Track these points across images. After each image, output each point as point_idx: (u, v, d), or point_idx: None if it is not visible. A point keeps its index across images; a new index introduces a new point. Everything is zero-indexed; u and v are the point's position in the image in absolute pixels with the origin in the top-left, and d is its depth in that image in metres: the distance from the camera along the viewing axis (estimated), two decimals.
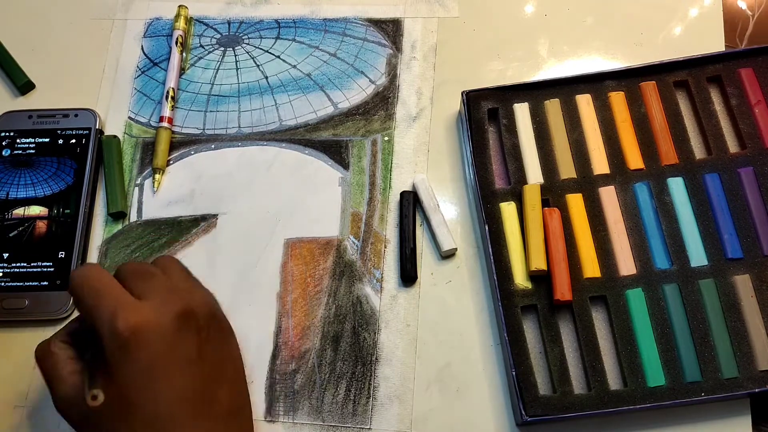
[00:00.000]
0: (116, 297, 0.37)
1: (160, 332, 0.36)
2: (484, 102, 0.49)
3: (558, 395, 0.41)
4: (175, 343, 0.37)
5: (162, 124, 0.52)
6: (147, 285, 0.38)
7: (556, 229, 0.45)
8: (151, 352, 0.36)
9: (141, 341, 0.36)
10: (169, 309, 0.37)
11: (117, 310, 0.36)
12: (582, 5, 0.54)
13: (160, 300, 0.37)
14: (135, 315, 0.36)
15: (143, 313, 0.36)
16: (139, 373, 0.36)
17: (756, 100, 0.48)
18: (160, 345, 0.36)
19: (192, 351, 0.37)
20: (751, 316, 0.43)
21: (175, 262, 0.42)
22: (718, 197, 0.46)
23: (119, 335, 0.35)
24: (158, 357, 0.36)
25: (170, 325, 0.36)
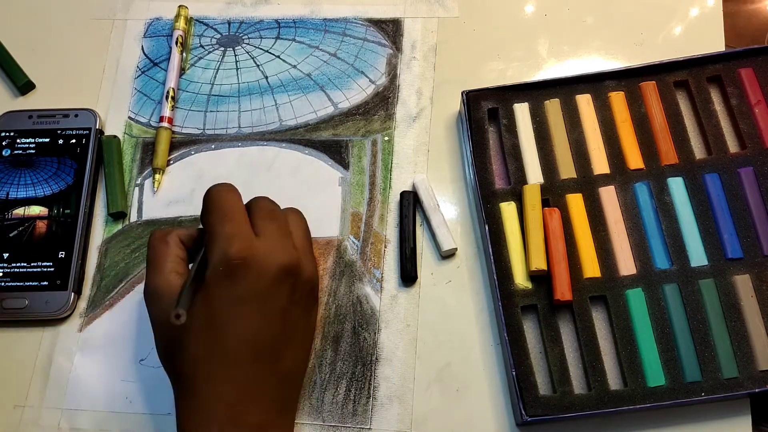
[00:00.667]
0: (239, 224, 0.39)
1: (262, 273, 0.38)
2: (484, 102, 0.49)
3: (558, 395, 0.41)
4: (270, 289, 0.39)
5: (162, 124, 0.52)
6: (270, 226, 0.40)
7: (556, 229, 0.45)
8: (248, 287, 0.38)
9: (244, 273, 0.38)
10: (279, 257, 0.39)
11: (234, 237, 0.38)
12: (582, 5, 0.54)
13: (274, 245, 0.39)
14: (248, 248, 0.38)
15: (256, 248, 0.38)
16: (230, 301, 0.38)
17: (756, 100, 0.48)
18: (258, 284, 0.38)
19: (281, 303, 0.39)
20: (751, 316, 0.43)
21: (302, 221, 0.44)
22: (718, 197, 0.46)
23: (228, 260, 0.38)
24: (252, 295, 0.38)
25: (274, 271, 0.39)
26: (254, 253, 0.38)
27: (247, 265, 0.38)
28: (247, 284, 0.38)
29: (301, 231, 0.43)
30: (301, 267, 0.40)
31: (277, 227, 0.41)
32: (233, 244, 0.38)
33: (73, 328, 0.47)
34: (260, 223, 0.40)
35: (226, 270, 0.38)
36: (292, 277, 0.40)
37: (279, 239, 0.40)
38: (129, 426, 0.44)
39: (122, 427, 0.44)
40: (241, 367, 0.38)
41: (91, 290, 0.48)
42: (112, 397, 0.45)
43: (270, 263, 0.39)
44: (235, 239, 0.38)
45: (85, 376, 0.46)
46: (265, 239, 0.39)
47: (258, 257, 0.38)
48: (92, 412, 0.45)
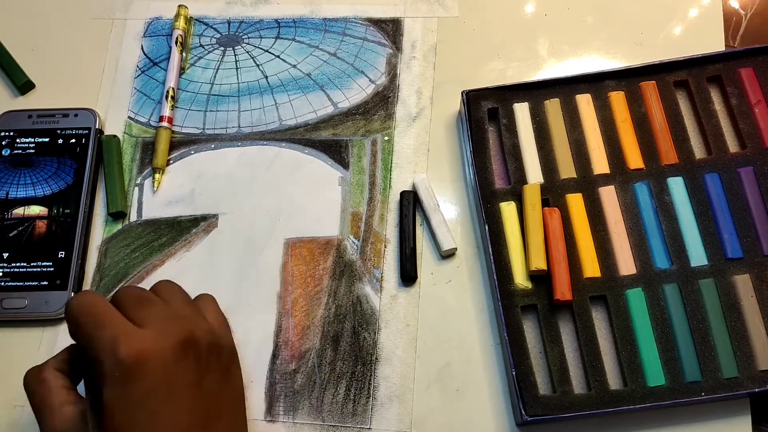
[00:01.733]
0: (117, 325, 0.36)
1: (161, 361, 0.35)
2: (484, 102, 0.49)
3: (558, 395, 0.41)
4: (175, 373, 0.36)
5: (162, 124, 0.52)
6: (146, 312, 0.37)
7: (556, 228, 0.45)
8: (152, 381, 0.35)
9: (143, 369, 0.35)
10: (170, 337, 0.36)
11: (119, 338, 0.35)
12: (582, 5, 0.54)
13: (160, 328, 0.36)
14: (138, 342, 0.35)
15: (145, 340, 0.35)
16: (138, 403, 0.35)
17: (756, 99, 0.48)
18: (161, 374, 0.35)
19: (191, 380, 0.36)
20: (751, 316, 0.43)
21: (175, 287, 0.41)
22: (718, 197, 0.46)
23: (121, 363, 0.34)
24: (158, 386, 0.35)
25: (171, 353, 0.36)
26: (146, 345, 0.35)
27: (141, 361, 0.35)
28: (149, 379, 0.35)
29: (177, 297, 0.40)
30: (195, 334, 0.37)
31: (153, 309, 0.38)
32: (119, 346, 0.35)
33: None
34: (134, 314, 0.37)
35: (122, 374, 0.34)
36: (192, 348, 0.37)
37: (163, 320, 0.37)
38: None
39: None
40: None
41: (91, 290, 0.48)
42: None
43: (165, 349, 0.35)
44: (118, 340, 0.35)
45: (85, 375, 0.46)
46: (147, 326, 0.36)
47: (152, 348, 0.35)
48: None
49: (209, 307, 0.41)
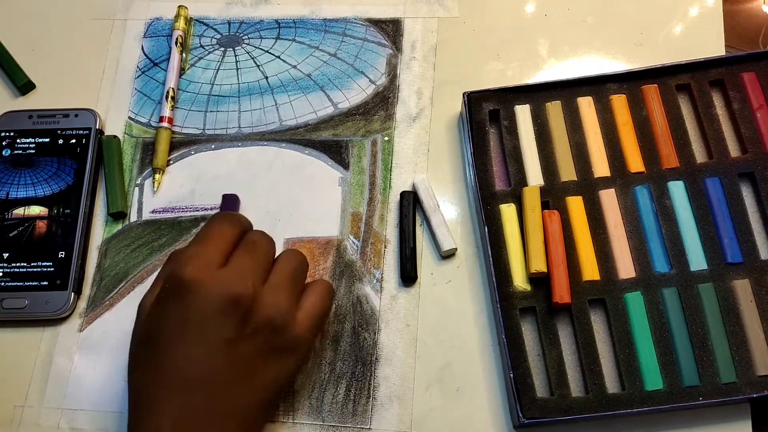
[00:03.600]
0: (206, 249, 0.39)
1: (207, 299, 0.37)
2: (486, 103, 0.49)
3: (555, 398, 0.42)
4: (214, 318, 0.37)
5: (162, 124, 0.52)
6: (241, 257, 0.39)
7: (556, 231, 0.45)
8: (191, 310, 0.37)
9: (188, 295, 0.37)
10: (229, 286, 0.37)
11: (192, 259, 0.38)
12: (582, 5, 0.54)
13: (231, 275, 0.38)
14: (200, 271, 0.37)
15: (209, 274, 0.37)
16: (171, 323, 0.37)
17: (758, 104, 0.48)
18: (201, 310, 0.37)
19: (226, 335, 0.37)
20: (750, 321, 0.43)
21: (294, 262, 0.41)
22: (718, 201, 0.46)
23: (176, 278, 0.37)
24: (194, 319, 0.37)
25: (219, 299, 0.37)
26: (204, 277, 0.37)
27: (192, 288, 0.37)
28: (190, 307, 0.37)
29: (284, 270, 0.40)
30: (258, 302, 0.38)
31: (249, 259, 0.39)
32: (187, 265, 0.37)
33: (73, 328, 0.47)
34: (235, 254, 0.39)
35: (173, 288, 0.37)
36: (241, 309, 0.37)
37: (241, 270, 0.38)
38: None
39: (122, 427, 0.44)
40: (177, 397, 0.36)
41: (91, 290, 0.48)
42: (112, 397, 0.45)
43: (218, 290, 0.37)
44: (192, 261, 0.38)
45: (85, 376, 0.46)
46: (227, 269, 0.38)
47: (207, 282, 0.37)
48: (92, 412, 0.45)
49: (310, 296, 0.41)
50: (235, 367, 0.37)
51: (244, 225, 0.42)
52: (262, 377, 0.39)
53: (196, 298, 0.37)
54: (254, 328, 0.38)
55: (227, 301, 0.37)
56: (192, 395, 0.36)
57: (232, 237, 0.40)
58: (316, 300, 0.41)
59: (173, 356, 0.37)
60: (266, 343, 0.38)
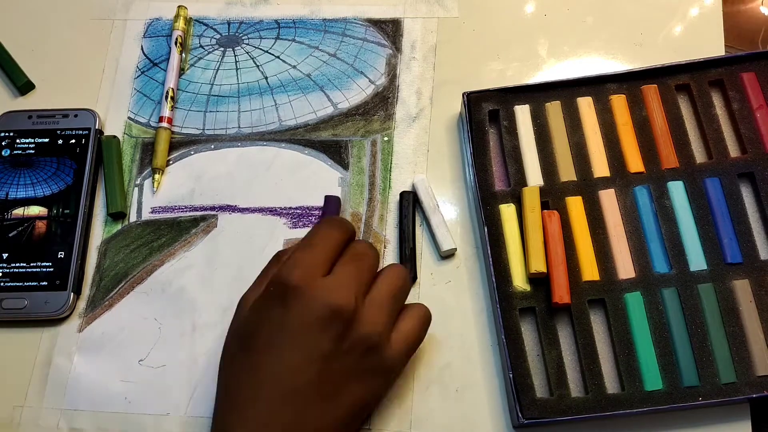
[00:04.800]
0: (313, 256, 0.38)
1: (309, 307, 0.36)
2: (485, 103, 0.49)
3: (555, 398, 0.42)
4: (313, 327, 0.36)
5: (161, 125, 0.52)
6: (345, 268, 0.38)
7: (555, 231, 0.45)
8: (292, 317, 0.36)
9: (290, 301, 0.36)
10: (331, 298, 0.36)
11: (299, 265, 0.37)
12: (582, 5, 0.54)
13: (335, 285, 0.37)
14: (305, 278, 0.37)
15: (313, 281, 0.37)
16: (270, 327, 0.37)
17: (758, 104, 0.48)
18: (302, 318, 0.36)
19: (324, 348, 0.36)
20: (750, 321, 0.42)
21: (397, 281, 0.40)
22: (718, 201, 0.46)
23: (281, 283, 0.37)
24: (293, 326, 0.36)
25: (321, 309, 0.36)
26: (309, 284, 0.37)
27: (296, 294, 0.36)
28: (291, 313, 0.36)
29: (387, 288, 0.39)
30: (357, 317, 0.37)
31: (354, 271, 0.38)
32: (294, 270, 0.37)
33: (73, 329, 0.47)
34: (339, 263, 0.39)
35: (277, 292, 0.37)
36: (340, 322, 0.36)
37: (346, 282, 0.37)
38: (128, 426, 0.44)
39: (122, 428, 0.44)
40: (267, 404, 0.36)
41: (91, 290, 0.48)
42: (112, 397, 0.45)
43: (320, 301, 0.36)
44: (298, 266, 0.37)
45: (85, 376, 0.46)
46: (331, 278, 0.38)
47: (310, 291, 0.36)
48: (92, 413, 0.45)
49: (407, 319, 0.40)
50: (326, 382, 0.37)
51: (350, 232, 0.41)
52: (350, 396, 0.38)
53: (299, 305, 0.36)
54: (350, 344, 0.37)
55: (329, 312, 0.36)
56: (281, 406, 0.36)
57: (339, 244, 0.39)
58: (413, 324, 0.40)
59: (269, 362, 0.36)
60: (359, 362, 0.37)
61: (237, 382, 0.37)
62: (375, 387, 0.39)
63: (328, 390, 0.37)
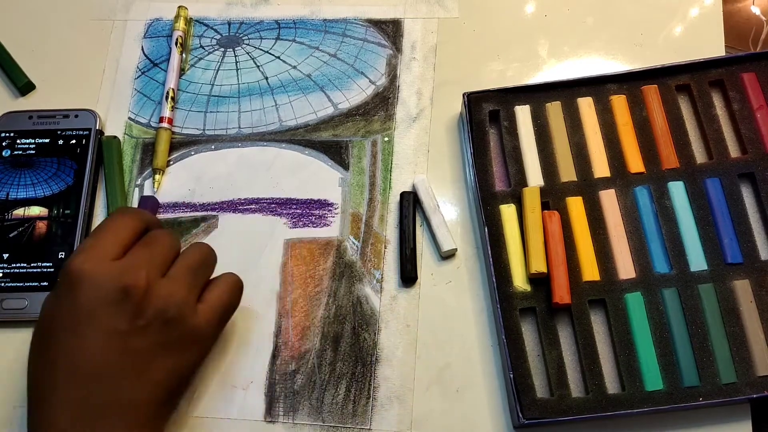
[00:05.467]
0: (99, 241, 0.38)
1: (96, 289, 0.36)
2: (486, 104, 0.49)
3: (555, 398, 0.41)
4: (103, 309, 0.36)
5: (162, 125, 0.52)
6: (138, 250, 0.38)
7: (556, 232, 0.44)
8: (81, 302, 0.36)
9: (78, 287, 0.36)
10: (119, 279, 0.36)
11: (84, 251, 0.37)
12: (582, 5, 0.54)
13: (124, 266, 0.37)
14: (89, 262, 0.37)
15: (100, 265, 0.37)
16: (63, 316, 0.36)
17: (758, 104, 0.48)
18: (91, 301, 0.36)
19: (118, 327, 0.36)
20: (750, 322, 0.42)
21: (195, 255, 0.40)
22: (718, 202, 0.45)
23: (66, 271, 0.37)
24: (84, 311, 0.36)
25: (108, 289, 0.36)
26: (95, 268, 0.36)
27: (83, 279, 0.36)
28: (80, 298, 0.36)
29: (185, 263, 0.40)
30: (151, 294, 0.37)
31: (146, 253, 0.38)
32: (78, 257, 0.37)
33: None
34: (132, 248, 0.39)
35: (64, 281, 0.37)
36: (133, 300, 0.36)
37: (135, 262, 0.38)
38: None
39: None
40: (70, 389, 0.36)
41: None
42: None
43: (107, 281, 0.36)
44: (83, 252, 0.37)
45: None
46: (120, 260, 0.38)
47: (98, 274, 0.36)
48: None
49: (214, 289, 0.41)
50: (128, 360, 0.37)
51: (146, 220, 0.41)
52: (158, 371, 0.38)
53: (87, 288, 0.36)
54: (147, 320, 0.37)
55: (118, 291, 0.36)
56: (85, 388, 0.36)
57: (131, 231, 0.39)
58: (220, 293, 0.41)
59: (66, 348, 0.36)
60: (161, 335, 0.37)
61: (39, 378, 0.37)
62: (186, 358, 0.39)
63: (135, 367, 0.37)
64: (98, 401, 0.36)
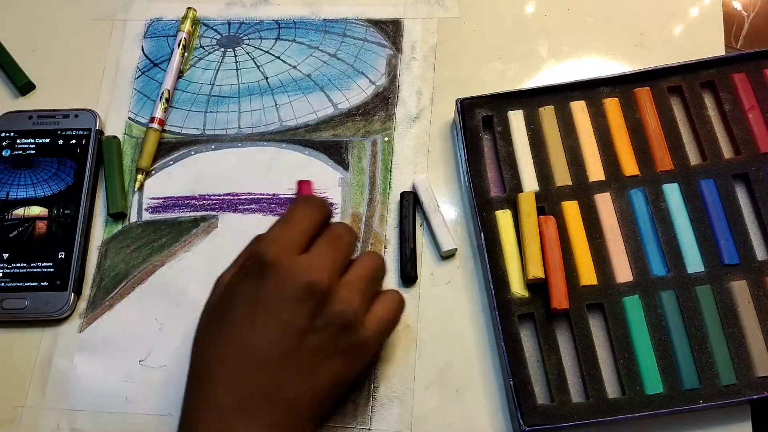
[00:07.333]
0: (290, 233, 0.36)
1: (284, 283, 0.35)
2: (479, 110, 0.46)
3: (556, 404, 0.38)
4: (288, 302, 0.35)
5: (152, 125, 0.48)
6: (322, 248, 0.37)
7: (552, 237, 0.42)
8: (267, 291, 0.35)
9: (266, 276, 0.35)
10: (306, 275, 0.35)
11: (276, 241, 0.36)
12: (582, 5, 0.51)
13: (310, 263, 0.35)
14: (282, 254, 0.35)
15: (290, 258, 0.35)
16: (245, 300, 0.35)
17: (749, 105, 0.45)
18: (277, 293, 0.35)
19: (298, 322, 0.35)
20: (749, 322, 0.39)
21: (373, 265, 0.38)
22: (713, 203, 0.42)
23: (257, 257, 0.35)
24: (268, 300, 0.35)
25: (296, 285, 0.35)
26: (285, 261, 0.35)
27: (272, 269, 0.35)
28: (266, 288, 0.35)
29: (362, 271, 0.37)
30: (331, 295, 0.35)
31: (330, 251, 0.37)
32: (270, 246, 0.35)
33: (73, 329, 0.44)
34: (317, 242, 0.37)
35: (253, 267, 0.35)
36: (315, 299, 0.35)
37: (321, 260, 0.36)
38: (129, 426, 0.41)
39: (122, 428, 0.41)
40: (240, 375, 0.34)
41: (91, 291, 0.45)
42: (112, 397, 0.42)
43: (295, 277, 0.35)
44: (275, 242, 0.36)
45: (85, 376, 0.43)
46: (307, 256, 0.36)
47: (286, 266, 0.35)
48: (92, 413, 0.42)
49: (381, 303, 0.38)
50: (300, 356, 0.35)
51: (327, 211, 0.39)
52: (325, 372, 0.36)
53: (274, 279, 0.35)
54: (325, 320, 0.35)
55: (303, 287, 0.35)
56: (255, 374, 0.34)
57: (316, 222, 0.38)
58: (387, 307, 0.38)
59: (242, 334, 0.35)
60: (333, 339, 0.36)
61: (209, 355, 0.35)
62: (349, 365, 0.37)
63: (303, 364, 0.35)
64: (264, 390, 0.34)
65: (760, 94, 0.45)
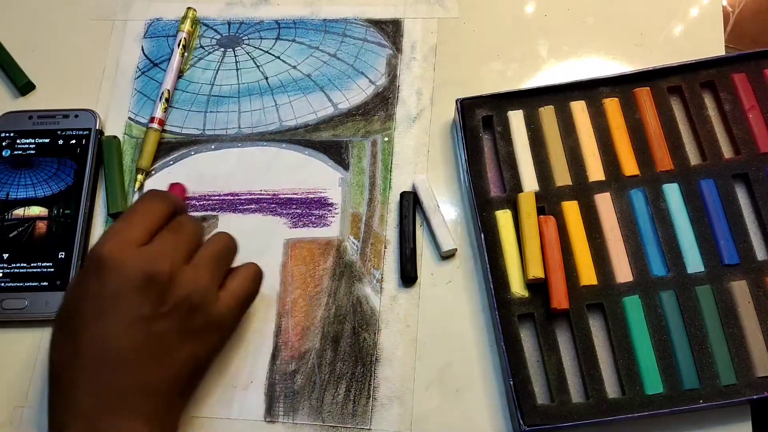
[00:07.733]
0: (128, 226, 0.36)
1: (124, 276, 0.34)
2: (479, 110, 0.45)
3: (556, 404, 0.38)
4: (130, 295, 0.34)
5: (152, 125, 0.47)
6: (164, 237, 0.36)
7: (552, 237, 0.41)
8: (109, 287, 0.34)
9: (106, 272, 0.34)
10: (145, 265, 0.35)
11: (113, 236, 0.35)
12: (582, 5, 0.50)
13: (150, 253, 0.35)
14: (119, 248, 0.35)
15: (127, 251, 0.35)
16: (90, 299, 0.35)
17: (749, 105, 0.44)
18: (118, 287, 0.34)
19: (143, 312, 0.34)
20: (749, 322, 0.39)
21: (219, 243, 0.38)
22: (713, 203, 0.42)
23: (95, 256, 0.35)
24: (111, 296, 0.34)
25: (135, 276, 0.34)
26: (122, 254, 0.35)
27: (109, 264, 0.34)
28: (106, 284, 0.34)
29: (209, 252, 0.38)
30: (176, 280, 0.35)
31: (172, 239, 0.36)
32: (106, 243, 0.35)
33: None
34: (159, 234, 0.36)
35: (90, 265, 0.35)
36: (157, 286, 0.35)
37: (161, 249, 0.35)
38: None
39: None
40: (93, 373, 0.34)
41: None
42: None
43: (134, 268, 0.34)
44: (111, 239, 0.35)
45: None
46: (147, 247, 0.35)
47: (124, 260, 0.34)
48: None
49: (236, 278, 0.38)
50: (151, 345, 0.35)
51: (175, 204, 0.38)
52: (181, 356, 0.36)
53: (113, 274, 0.34)
54: (171, 306, 0.35)
55: (143, 278, 0.34)
56: (110, 373, 0.34)
57: (160, 215, 0.37)
58: (241, 281, 0.39)
59: (90, 333, 0.34)
60: (184, 321, 0.35)
61: (64, 360, 0.35)
62: (207, 344, 0.37)
63: (157, 351, 0.35)
64: (122, 386, 0.34)
65: (760, 94, 0.44)
